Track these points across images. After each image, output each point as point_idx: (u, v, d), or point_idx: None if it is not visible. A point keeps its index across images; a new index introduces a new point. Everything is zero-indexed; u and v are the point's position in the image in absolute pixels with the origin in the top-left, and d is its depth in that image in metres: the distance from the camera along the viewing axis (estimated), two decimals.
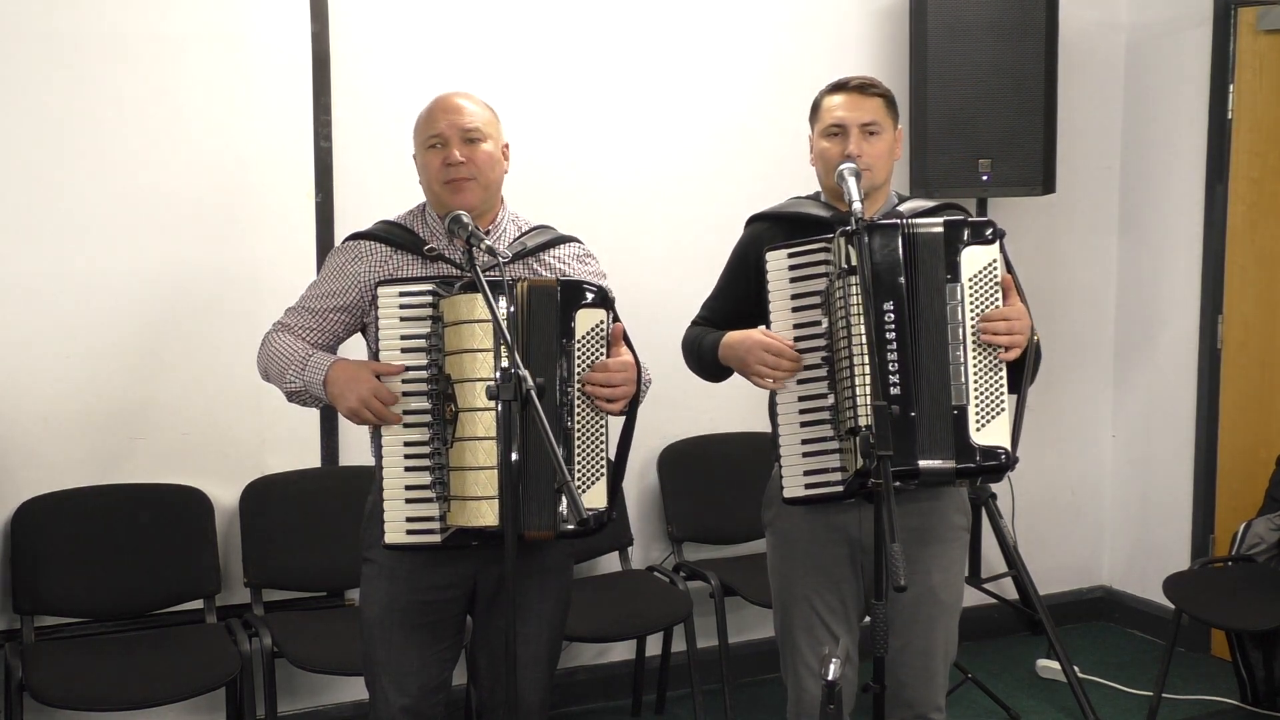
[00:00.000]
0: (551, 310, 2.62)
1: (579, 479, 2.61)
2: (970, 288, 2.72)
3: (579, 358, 2.64)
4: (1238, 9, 4.73)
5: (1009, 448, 2.72)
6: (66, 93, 3.67)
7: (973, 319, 2.71)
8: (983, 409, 2.71)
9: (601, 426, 2.68)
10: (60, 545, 3.67)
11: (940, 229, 2.73)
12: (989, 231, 2.75)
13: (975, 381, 2.71)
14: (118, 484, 3.79)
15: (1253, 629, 4.23)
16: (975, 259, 2.73)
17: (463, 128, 2.77)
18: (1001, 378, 2.74)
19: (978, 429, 2.70)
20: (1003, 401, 2.74)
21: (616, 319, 2.72)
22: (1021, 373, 2.79)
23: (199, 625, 3.78)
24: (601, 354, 2.67)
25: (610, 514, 2.67)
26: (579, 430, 2.63)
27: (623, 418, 2.74)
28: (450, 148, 2.76)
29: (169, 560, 3.78)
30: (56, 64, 3.65)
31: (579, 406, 2.64)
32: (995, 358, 2.73)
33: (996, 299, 2.73)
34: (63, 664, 3.47)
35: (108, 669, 3.47)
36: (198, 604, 3.81)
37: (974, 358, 2.72)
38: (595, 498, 2.63)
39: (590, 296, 2.66)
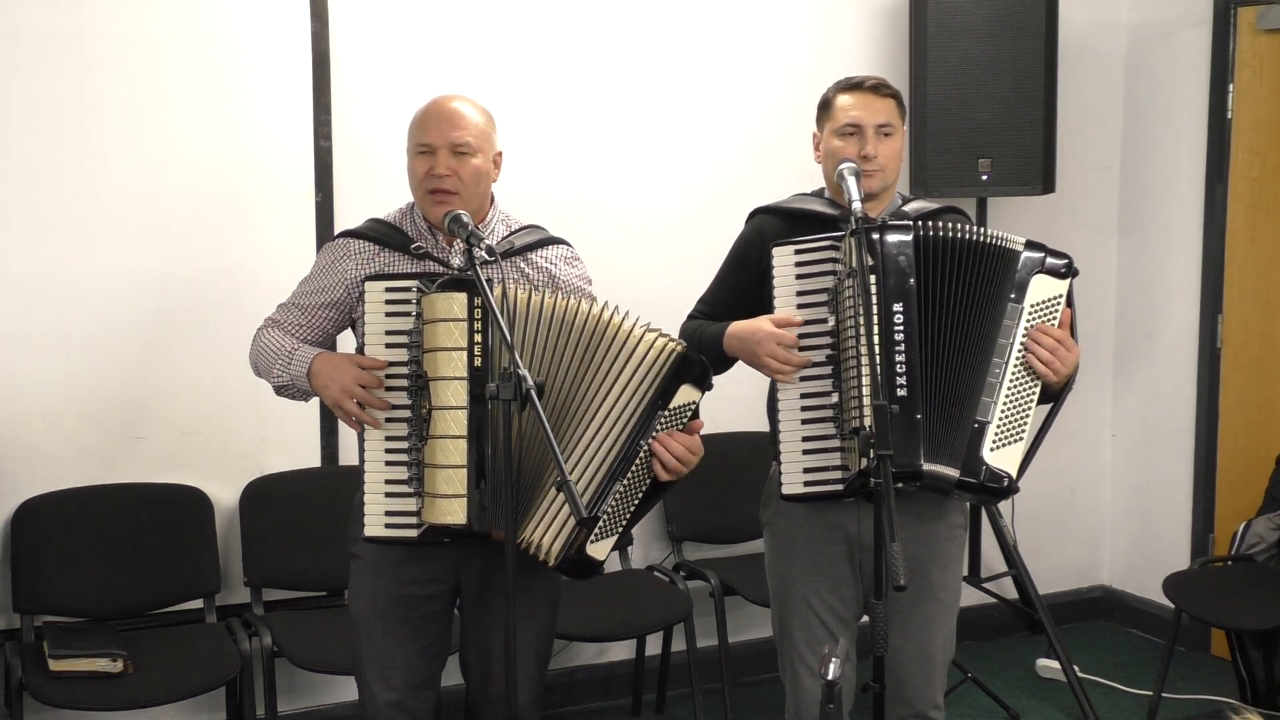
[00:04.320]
0: (672, 374, 2.64)
1: (598, 529, 2.65)
2: (1030, 313, 2.73)
3: (660, 423, 2.66)
4: (1238, 9, 4.73)
5: (1014, 475, 2.73)
6: (65, 92, 3.67)
7: (1022, 343, 2.72)
8: (1003, 431, 2.71)
9: (641, 490, 2.71)
10: (60, 545, 3.67)
11: (1020, 247, 2.74)
12: (1064, 266, 2.76)
13: (1005, 402, 2.71)
14: (118, 484, 3.79)
15: (1252, 629, 4.22)
16: (1043, 288, 2.74)
17: (453, 141, 2.74)
18: (1031, 406, 2.75)
19: (992, 449, 2.70)
20: (1024, 430, 2.74)
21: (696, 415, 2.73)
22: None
23: (199, 625, 3.78)
24: (679, 430, 2.70)
25: (600, 567, 2.71)
26: (625, 484, 2.67)
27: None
28: (437, 159, 2.74)
29: (169, 560, 3.78)
30: (55, 63, 3.65)
31: (637, 464, 2.66)
32: (1032, 385, 2.73)
33: None
34: None
35: None
36: (198, 604, 3.82)
37: (1011, 379, 2.72)
38: (599, 550, 2.68)
39: (697, 374, 2.68)
